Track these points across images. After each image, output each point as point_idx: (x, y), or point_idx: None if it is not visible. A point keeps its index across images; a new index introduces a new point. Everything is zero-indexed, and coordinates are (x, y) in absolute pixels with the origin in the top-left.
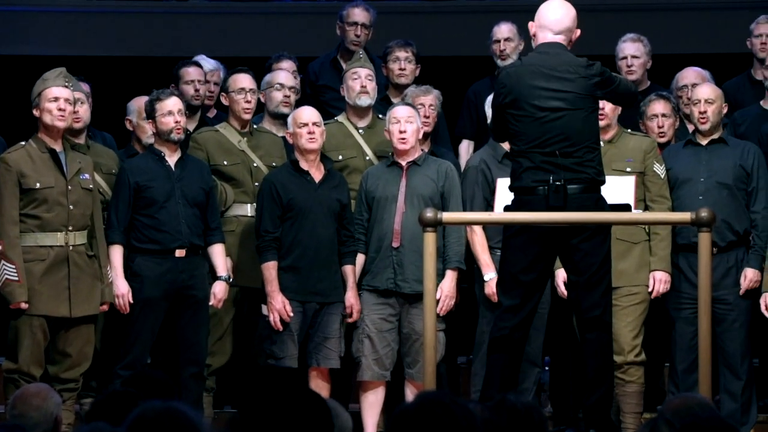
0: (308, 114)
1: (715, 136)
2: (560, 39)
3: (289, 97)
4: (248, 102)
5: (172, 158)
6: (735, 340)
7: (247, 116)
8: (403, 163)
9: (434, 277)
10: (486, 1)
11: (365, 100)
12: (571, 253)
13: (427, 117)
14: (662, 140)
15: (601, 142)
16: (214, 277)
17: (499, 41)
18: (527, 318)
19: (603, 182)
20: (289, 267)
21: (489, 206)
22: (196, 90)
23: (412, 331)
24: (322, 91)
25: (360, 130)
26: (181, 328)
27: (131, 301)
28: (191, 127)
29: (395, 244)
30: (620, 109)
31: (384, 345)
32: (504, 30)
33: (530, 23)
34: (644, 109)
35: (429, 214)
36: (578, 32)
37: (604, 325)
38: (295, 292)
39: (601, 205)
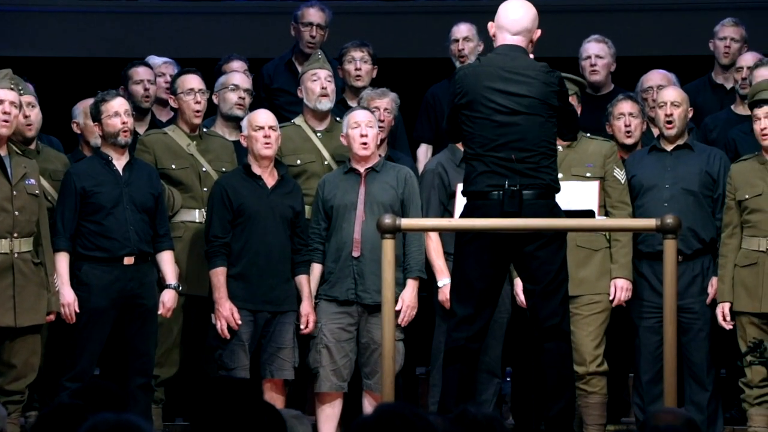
0: (264, 117)
1: (681, 141)
2: (519, 40)
3: (243, 99)
4: (198, 103)
5: (119, 162)
6: (701, 350)
7: (197, 118)
8: (361, 170)
9: (393, 286)
10: (445, 2)
11: (326, 104)
12: (527, 262)
13: (383, 121)
14: (629, 141)
15: (560, 147)
16: (162, 286)
17: (457, 41)
18: (483, 328)
19: (558, 189)
20: (238, 275)
21: (446, 211)
22: (146, 90)
23: (371, 341)
24: (276, 94)
25: (318, 134)
26: (129, 338)
27: (77, 311)
28: (141, 129)
29: (355, 254)
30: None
31: (342, 355)
32: (463, 30)
33: (490, 23)
34: (611, 110)
35: (387, 220)
36: (539, 32)
37: (563, 334)
38: (245, 300)
39: (556, 212)
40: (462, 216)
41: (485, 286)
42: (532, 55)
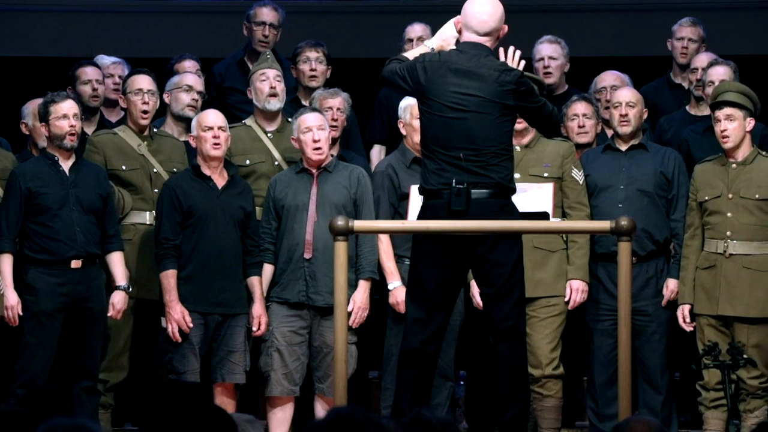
0: (213, 118)
1: (635, 141)
2: (485, 40)
3: (196, 101)
4: (146, 104)
5: (66, 163)
6: (655, 353)
7: (145, 119)
8: (314, 170)
9: (345, 288)
10: (399, 2)
11: (275, 104)
12: (479, 264)
13: (335, 120)
14: (584, 140)
15: (518, 147)
16: (111, 287)
17: (411, 41)
18: (438, 330)
19: (513, 190)
20: (188, 277)
21: (396, 213)
22: (94, 89)
23: (324, 344)
24: (227, 93)
25: (269, 134)
26: (75, 340)
27: (20, 314)
28: (90, 129)
29: (307, 255)
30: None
31: (294, 359)
32: (417, 29)
33: (456, 19)
34: (565, 111)
35: (340, 222)
36: (506, 28)
37: (518, 336)
38: (195, 303)
39: (509, 211)
40: (419, 215)
41: (438, 288)
42: (503, 54)
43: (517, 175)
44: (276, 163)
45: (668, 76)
